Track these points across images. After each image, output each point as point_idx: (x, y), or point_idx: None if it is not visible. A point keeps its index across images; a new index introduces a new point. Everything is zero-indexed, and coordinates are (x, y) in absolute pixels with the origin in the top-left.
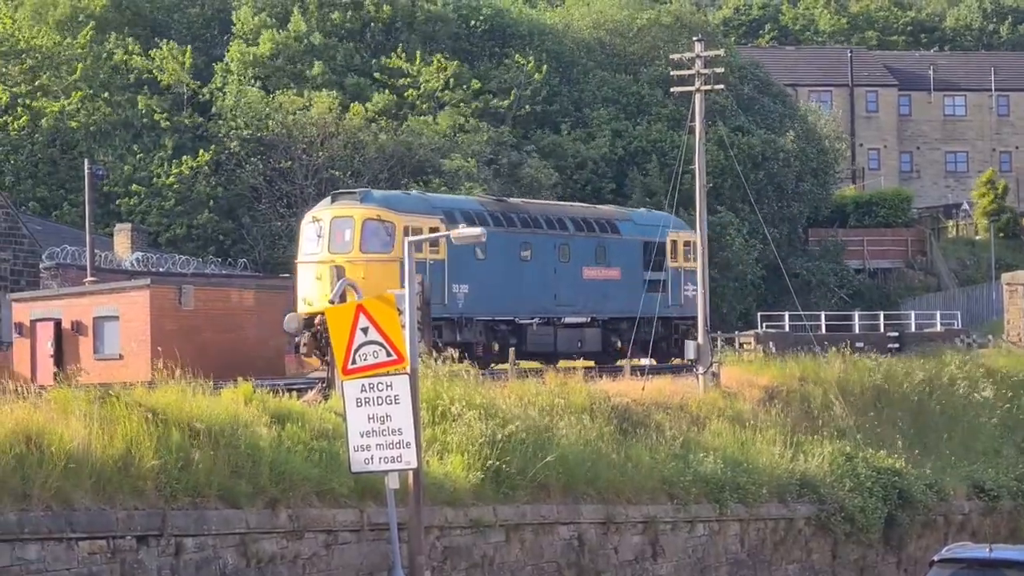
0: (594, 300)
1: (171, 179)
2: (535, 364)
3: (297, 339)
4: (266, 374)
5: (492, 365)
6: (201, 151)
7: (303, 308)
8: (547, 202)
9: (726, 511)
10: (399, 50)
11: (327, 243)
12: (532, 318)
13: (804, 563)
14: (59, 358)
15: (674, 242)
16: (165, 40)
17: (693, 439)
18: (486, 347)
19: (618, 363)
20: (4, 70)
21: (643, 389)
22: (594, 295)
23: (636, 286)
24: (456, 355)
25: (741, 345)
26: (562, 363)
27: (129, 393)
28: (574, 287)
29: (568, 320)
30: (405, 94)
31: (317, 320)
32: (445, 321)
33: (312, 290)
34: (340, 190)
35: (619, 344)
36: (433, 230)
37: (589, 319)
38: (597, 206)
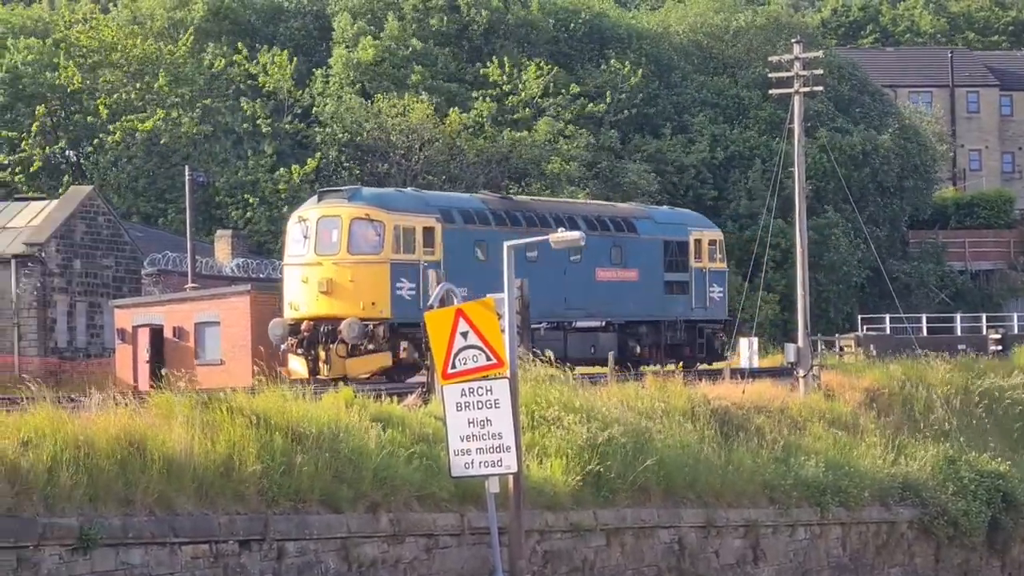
0: (609, 303)
1: (282, 187)
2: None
3: (282, 347)
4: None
5: None
6: (309, 160)
7: (289, 313)
8: (557, 199)
9: (828, 515)
10: (495, 58)
11: (313, 244)
12: (539, 322)
13: (907, 567)
14: (158, 363)
15: (698, 241)
16: (267, 46)
17: (794, 442)
18: None
19: (638, 367)
20: (106, 78)
21: (743, 392)
22: (609, 298)
23: (655, 288)
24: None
25: (842, 348)
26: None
27: (231, 398)
28: (586, 289)
29: (580, 324)
30: (505, 101)
31: (303, 326)
32: None
33: (298, 294)
34: (328, 188)
35: (638, 349)
36: (428, 230)
37: (604, 323)
38: (614, 204)
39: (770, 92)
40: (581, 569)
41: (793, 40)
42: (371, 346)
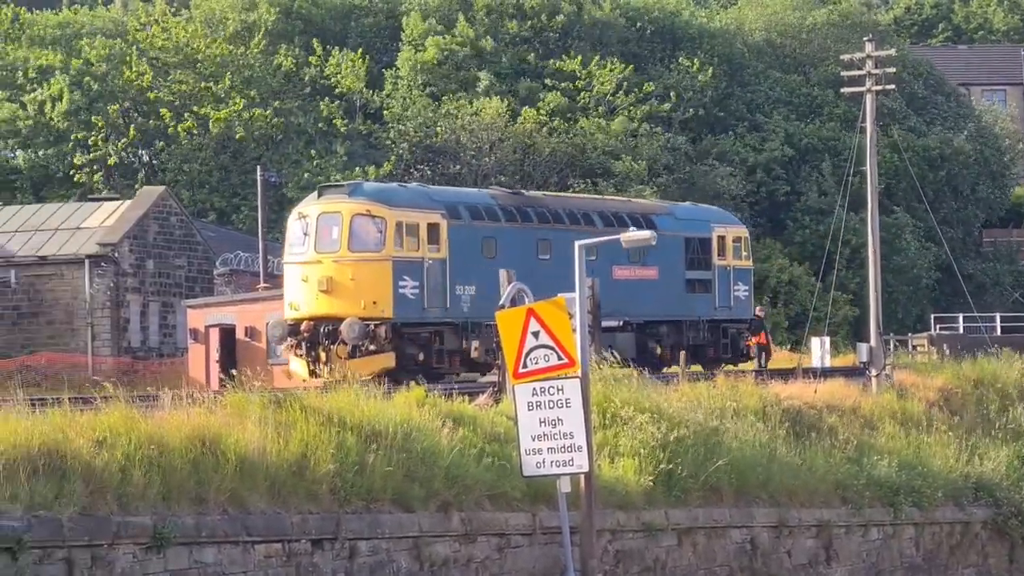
0: (626, 302)
1: None
2: None
3: (280, 349)
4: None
5: None
6: (386, 162)
7: (289, 313)
8: (571, 195)
9: (900, 515)
10: (570, 54)
11: (313, 241)
12: None
13: (980, 567)
14: (230, 363)
15: (721, 238)
16: (338, 48)
17: (866, 442)
18: (499, 355)
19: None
20: (179, 79)
21: (815, 392)
22: (626, 297)
23: (676, 286)
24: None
25: (914, 347)
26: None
27: (303, 397)
28: (602, 288)
29: None
30: (577, 98)
31: (303, 327)
32: (447, 326)
33: (298, 293)
34: (328, 183)
35: (659, 350)
36: (432, 226)
37: (621, 323)
38: (632, 199)
39: (842, 91)
40: (653, 569)
41: (865, 38)
42: (372, 347)
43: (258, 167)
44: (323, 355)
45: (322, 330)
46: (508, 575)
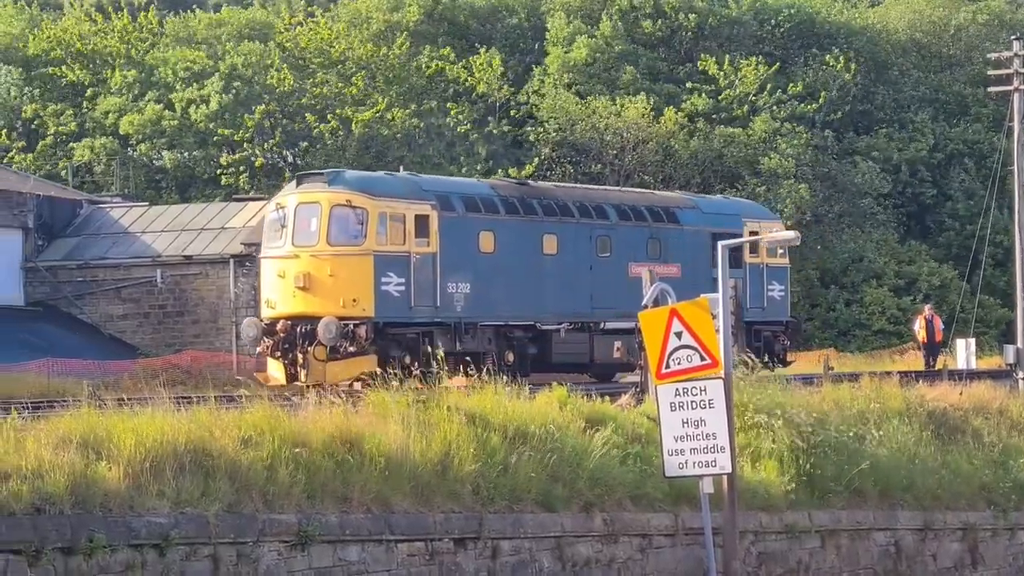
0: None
1: None
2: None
3: (257, 350)
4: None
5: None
6: (528, 164)
7: (266, 312)
8: (583, 186)
9: None
10: (708, 55)
11: (291, 234)
12: (559, 323)
13: None
14: None
15: (754, 234)
16: (484, 48)
17: (1013, 445)
18: (497, 358)
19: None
20: (322, 80)
21: (960, 395)
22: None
23: (701, 285)
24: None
25: None
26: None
27: (446, 397)
28: (617, 286)
29: (609, 325)
30: (720, 97)
31: (279, 326)
32: (437, 327)
33: (274, 290)
34: (307, 171)
35: None
36: (421, 217)
37: (638, 324)
38: (654, 192)
39: (989, 90)
40: (796, 571)
41: (1013, 37)
42: (352, 348)
43: (400, 167)
44: (300, 357)
45: (299, 330)
46: None
